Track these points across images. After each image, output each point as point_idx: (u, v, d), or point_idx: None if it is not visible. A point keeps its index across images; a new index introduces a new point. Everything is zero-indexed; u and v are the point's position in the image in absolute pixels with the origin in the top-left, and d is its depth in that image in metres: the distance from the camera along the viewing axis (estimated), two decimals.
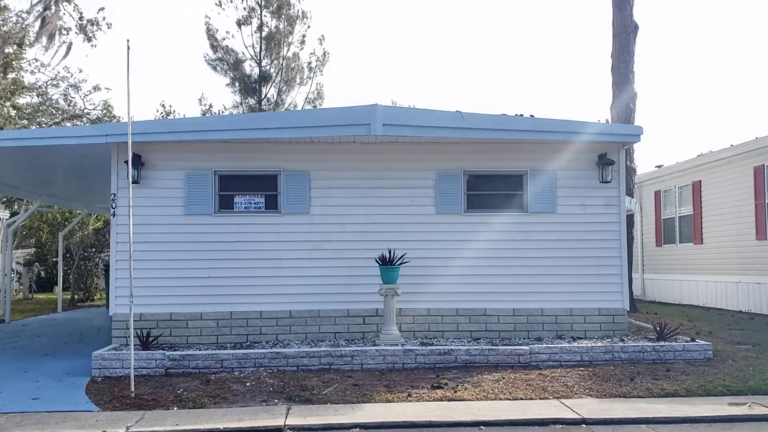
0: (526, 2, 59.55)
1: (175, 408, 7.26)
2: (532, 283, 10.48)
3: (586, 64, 60.22)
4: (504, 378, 8.37)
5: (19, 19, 25.40)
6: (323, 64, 32.28)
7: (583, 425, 6.69)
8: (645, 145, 64.27)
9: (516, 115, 10.77)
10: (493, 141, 10.46)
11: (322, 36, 32.80)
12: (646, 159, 49.29)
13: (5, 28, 24.65)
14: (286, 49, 31.58)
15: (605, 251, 10.59)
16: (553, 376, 8.49)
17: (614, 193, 10.68)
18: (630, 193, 15.50)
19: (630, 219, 15.40)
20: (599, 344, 9.53)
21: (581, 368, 8.88)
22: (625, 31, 16.55)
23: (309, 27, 31.75)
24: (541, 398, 7.57)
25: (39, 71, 28.44)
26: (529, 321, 10.46)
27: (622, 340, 9.96)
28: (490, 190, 10.68)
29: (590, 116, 53.42)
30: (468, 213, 10.56)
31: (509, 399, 7.54)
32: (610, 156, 10.53)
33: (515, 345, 9.54)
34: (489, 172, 10.70)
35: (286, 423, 6.64)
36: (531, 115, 10.61)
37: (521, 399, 7.55)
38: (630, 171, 15.99)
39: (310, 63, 32.18)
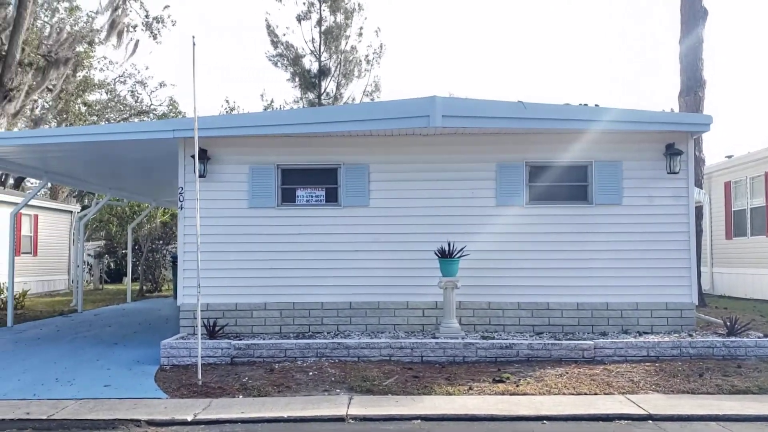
0: None
1: (241, 396, 7.43)
2: (596, 277, 10.28)
3: (652, 53, 58.50)
4: (567, 372, 8.25)
5: (90, 18, 26.33)
6: (380, 56, 32.46)
7: (650, 421, 6.53)
8: (714, 135, 62.06)
9: (580, 104, 10.55)
10: (556, 131, 10.28)
11: (378, 28, 33.05)
12: (715, 149, 47.60)
13: (76, 28, 25.57)
14: (344, 42, 31.83)
15: (673, 244, 10.29)
16: (618, 371, 8.32)
17: (682, 184, 10.36)
18: (699, 184, 15.00)
19: (699, 211, 14.91)
20: (666, 339, 9.28)
21: (647, 363, 8.67)
22: (694, 17, 16.01)
23: (366, 19, 31.94)
24: (605, 393, 7.43)
25: (107, 69, 29.51)
26: (593, 315, 10.26)
27: (691, 335, 9.68)
28: (553, 182, 10.49)
29: (658, 106, 51.90)
30: (530, 205, 10.42)
31: (573, 394, 7.43)
32: (677, 146, 10.22)
33: (579, 339, 9.38)
34: (552, 163, 10.51)
35: (348, 413, 6.71)
36: (595, 105, 10.38)
37: (585, 394, 7.42)
38: (699, 161, 15.48)
39: (367, 56, 32.38)
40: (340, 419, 6.61)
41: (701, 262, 15.86)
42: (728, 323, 9.71)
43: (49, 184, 23.38)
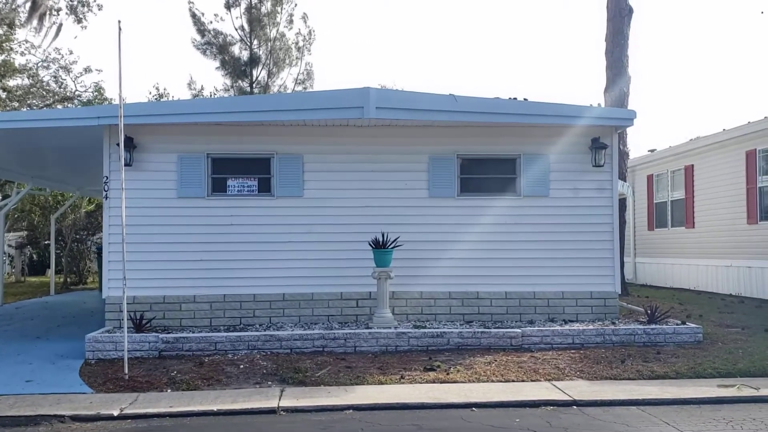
0: None
1: (169, 390, 7.29)
2: (524, 267, 10.53)
3: (581, 48, 60.11)
4: (496, 360, 8.43)
5: None
6: (310, 43, 31.99)
7: (574, 407, 6.76)
8: (638, 130, 64.37)
9: (509, 98, 10.75)
10: (487, 124, 10.45)
11: (305, 14, 32.63)
12: (639, 143, 49.31)
13: None
14: (274, 29, 31.26)
15: (597, 235, 10.64)
16: (544, 358, 8.56)
17: (607, 177, 10.71)
18: (623, 177, 15.54)
19: (622, 203, 15.44)
20: (591, 327, 9.60)
21: (573, 351, 8.95)
22: (619, 15, 16.51)
23: (296, 6, 31.39)
24: (532, 380, 7.64)
25: (29, 53, 28.21)
26: (521, 304, 10.52)
27: (614, 323, 10.04)
28: (483, 174, 10.69)
29: (585, 100, 53.32)
30: (461, 197, 10.58)
31: (501, 381, 7.61)
32: (603, 140, 10.55)
33: (507, 328, 9.60)
34: (482, 155, 10.70)
35: (280, 405, 6.68)
36: (524, 99, 10.61)
37: (513, 381, 7.61)
38: (623, 155, 16.02)
39: (297, 43, 31.88)
40: (271, 411, 6.58)
41: (624, 252, 16.44)
42: (649, 311, 10.12)
43: None
